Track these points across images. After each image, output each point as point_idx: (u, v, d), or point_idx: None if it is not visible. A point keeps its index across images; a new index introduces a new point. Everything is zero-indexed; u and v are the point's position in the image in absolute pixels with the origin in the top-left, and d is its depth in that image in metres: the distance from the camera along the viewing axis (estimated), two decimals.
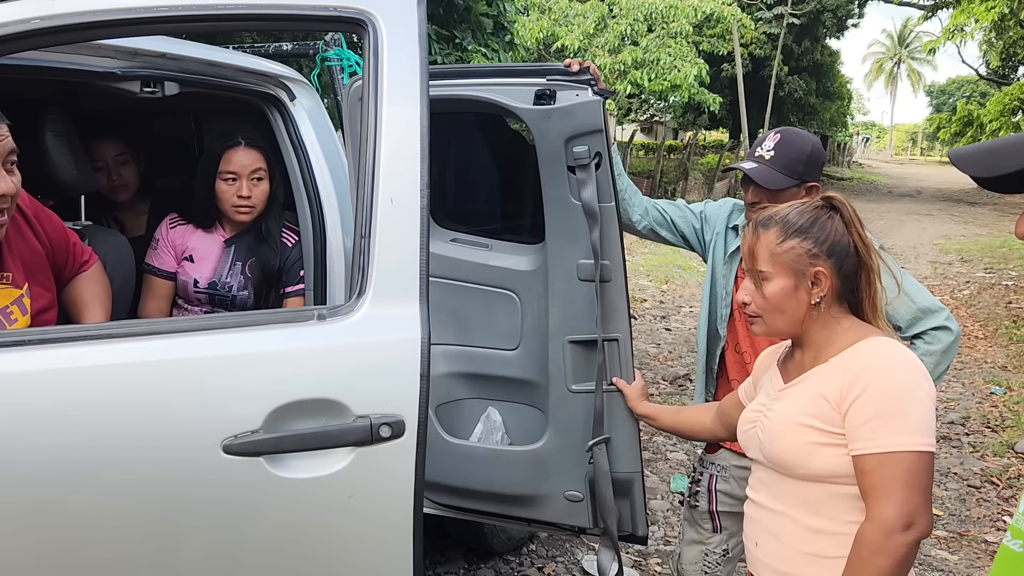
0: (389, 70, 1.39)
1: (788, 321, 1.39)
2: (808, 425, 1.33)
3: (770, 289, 1.38)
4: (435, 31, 5.70)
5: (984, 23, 12.06)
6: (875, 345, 1.33)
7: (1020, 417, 4.93)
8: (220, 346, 1.30)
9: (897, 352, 1.32)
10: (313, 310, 1.34)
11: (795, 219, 1.38)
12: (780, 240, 1.37)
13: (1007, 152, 0.92)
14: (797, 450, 1.34)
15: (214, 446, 1.26)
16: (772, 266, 1.38)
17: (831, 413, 1.31)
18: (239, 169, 2.24)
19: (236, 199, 2.24)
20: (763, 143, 1.99)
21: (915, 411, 1.25)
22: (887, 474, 1.23)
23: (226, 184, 2.25)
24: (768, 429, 1.42)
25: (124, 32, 1.64)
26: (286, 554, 1.36)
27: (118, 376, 1.25)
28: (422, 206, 1.36)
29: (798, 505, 1.37)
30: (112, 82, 2.00)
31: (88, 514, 1.25)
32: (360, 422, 1.33)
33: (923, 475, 1.24)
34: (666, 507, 3.62)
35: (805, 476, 1.35)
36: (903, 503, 1.22)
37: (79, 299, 1.81)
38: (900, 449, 1.23)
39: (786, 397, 1.42)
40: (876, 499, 1.24)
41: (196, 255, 2.31)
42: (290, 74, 2.41)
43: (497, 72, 2.18)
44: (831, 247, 1.36)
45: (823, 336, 1.39)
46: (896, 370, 1.29)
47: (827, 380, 1.33)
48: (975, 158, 0.96)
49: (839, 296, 1.39)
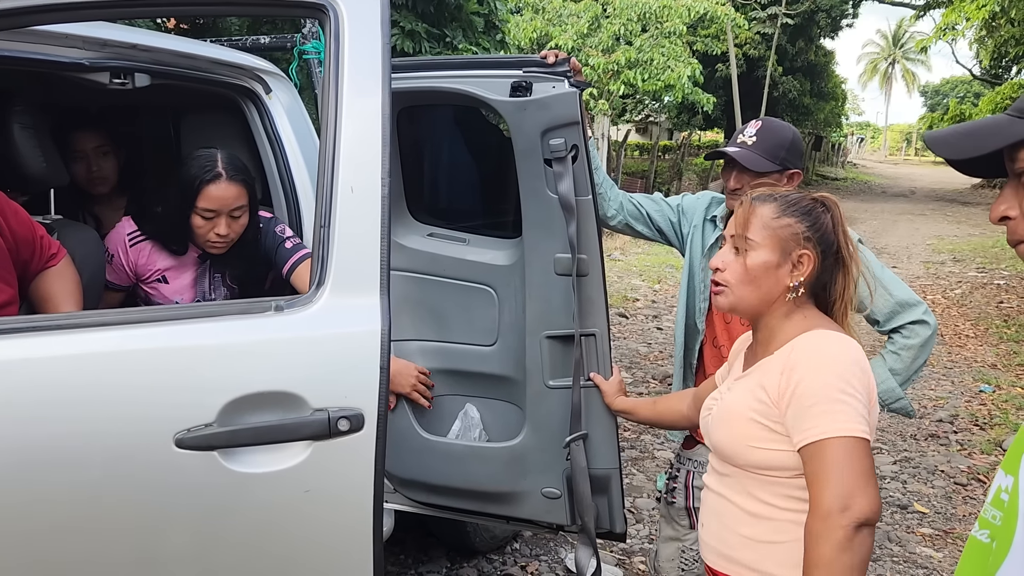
0: (350, 57, 1.36)
1: (758, 298, 1.38)
2: (749, 418, 1.34)
3: (753, 259, 1.36)
4: (426, 29, 5.67)
5: (975, 21, 12.07)
6: (812, 339, 1.33)
7: (1008, 415, 4.92)
8: (173, 337, 1.27)
9: (833, 344, 1.31)
10: (271, 301, 1.31)
11: (795, 200, 1.39)
12: (777, 215, 1.37)
13: (983, 134, 0.90)
14: (737, 443, 1.36)
15: (166, 440, 1.23)
16: (762, 236, 1.36)
17: (771, 410, 1.31)
18: (219, 207, 1.98)
19: (213, 235, 1.99)
20: (745, 130, 1.99)
21: (847, 401, 1.24)
22: (822, 461, 1.23)
23: (202, 219, 1.99)
24: (715, 417, 1.44)
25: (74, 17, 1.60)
26: (242, 550, 1.33)
27: (64, 368, 1.21)
28: (383, 195, 1.33)
29: (739, 490, 1.39)
30: (80, 72, 1.97)
31: (32, 514, 1.22)
32: (318, 415, 1.30)
33: (857, 460, 1.22)
34: (651, 505, 3.60)
35: (745, 466, 1.37)
36: (836, 485, 1.21)
37: (48, 295, 1.78)
38: (832, 435, 1.23)
39: (736, 387, 1.43)
40: (817, 486, 1.24)
41: (169, 275, 2.12)
42: (266, 67, 2.38)
43: (473, 64, 2.16)
44: (821, 236, 1.36)
45: (777, 323, 1.39)
46: (829, 362, 1.28)
47: (768, 373, 1.34)
48: (951, 140, 0.94)
49: (811, 288, 1.38)
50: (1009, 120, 0.87)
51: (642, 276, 9.38)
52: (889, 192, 24.89)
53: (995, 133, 0.88)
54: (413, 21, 5.56)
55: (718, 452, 1.44)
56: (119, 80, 2.04)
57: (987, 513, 0.85)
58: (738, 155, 1.93)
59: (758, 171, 1.90)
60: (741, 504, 1.38)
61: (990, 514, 0.84)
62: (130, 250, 2.14)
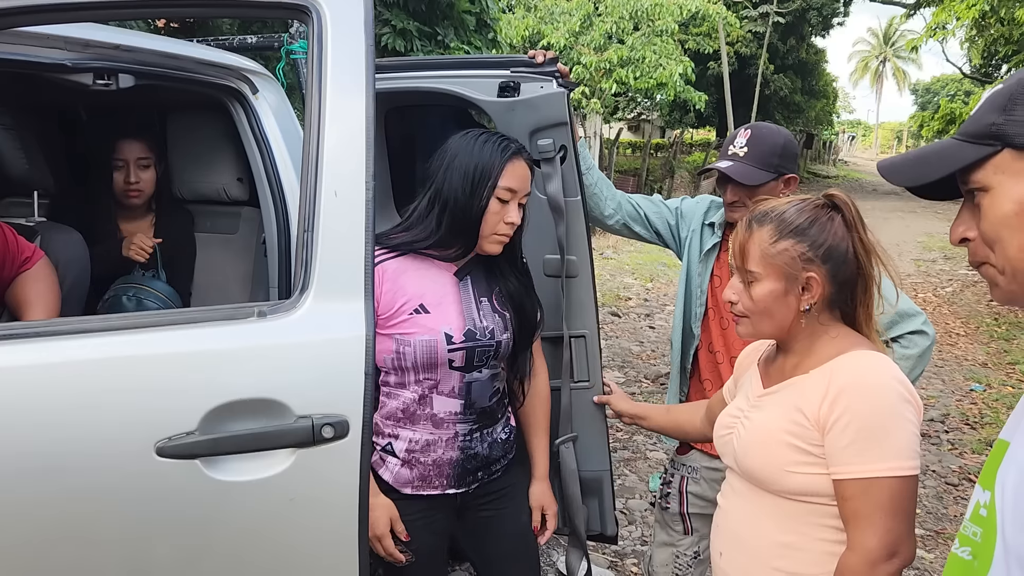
0: (333, 58, 1.34)
1: (775, 326, 1.32)
2: (786, 443, 1.26)
3: (758, 291, 1.30)
4: (417, 28, 5.65)
5: (965, 21, 12.11)
6: (858, 360, 1.24)
7: (999, 414, 4.93)
8: (154, 344, 1.24)
9: (881, 368, 1.23)
10: (253, 306, 1.29)
11: (792, 218, 1.29)
12: (773, 240, 1.28)
13: (931, 160, 0.90)
14: (773, 467, 1.27)
15: (147, 449, 1.21)
16: (762, 267, 1.29)
17: (810, 432, 1.23)
18: (520, 186, 1.66)
19: (503, 225, 1.64)
20: (735, 141, 1.96)
21: (898, 434, 1.18)
22: (870, 501, 1.17)
23: (499, 203, 1.63)
24: (744, 440, 1.34)
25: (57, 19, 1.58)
26: (226, 560, 1.31)
27: (43, 376, 1.19)
28: (367, 199, 1.31)
29: (770, 518, 1.30)
30: (62, 74, 1.94)
31: (11, 524, 1.19)
32: (302, 422, 1.28)
33: (907, 501, 1.18)
34: (644, 507, 3.59)
35: (779, 492, 1.28)
36: (886, 532, 1.16)
37: (22, 299, 1.75)
38: (883, 475, 1.17)
39: (765, 406, 1.34)
40: (858, 527, 1.18)
41: (428, 301, 1.64)
42: (253, 67, 2.35)
43: (461, 64, 2.14)
44: (827, 251, 1.27)
45: (808, 344, 1.31)
46: (879, 389, 1.21)
47: (807, 394, 1.25)
48: (902, 168, 0.94)
49: (831, 303, 1.30)
50: (958, 144, 0.87)
51: (634, 274, 9.38)
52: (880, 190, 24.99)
53: (944, 158, 0.88)
54: (404, 19, 5.54)
55: (750, 478, 1.33)
56: (103, 81, 2.01)
57: (967, 530, 0.83)
58: (730, 170, 1.90)
59: (752, 184, 1.88)
60: (772, 534, 1.29)
61: (970, 531, 0.83)
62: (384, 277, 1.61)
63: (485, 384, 1.69)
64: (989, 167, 0.83)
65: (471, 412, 1.68)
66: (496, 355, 1.70)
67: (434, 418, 1.65)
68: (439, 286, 1.66)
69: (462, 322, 1.64)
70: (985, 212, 0.84)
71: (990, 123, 0.83)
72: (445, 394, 1.65)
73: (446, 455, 1.66)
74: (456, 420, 1.66)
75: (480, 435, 1.71)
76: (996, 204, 0.83)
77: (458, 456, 1.67)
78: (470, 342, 1.64)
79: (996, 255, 0.84)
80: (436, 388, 1.64)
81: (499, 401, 1.76)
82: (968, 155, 0.85)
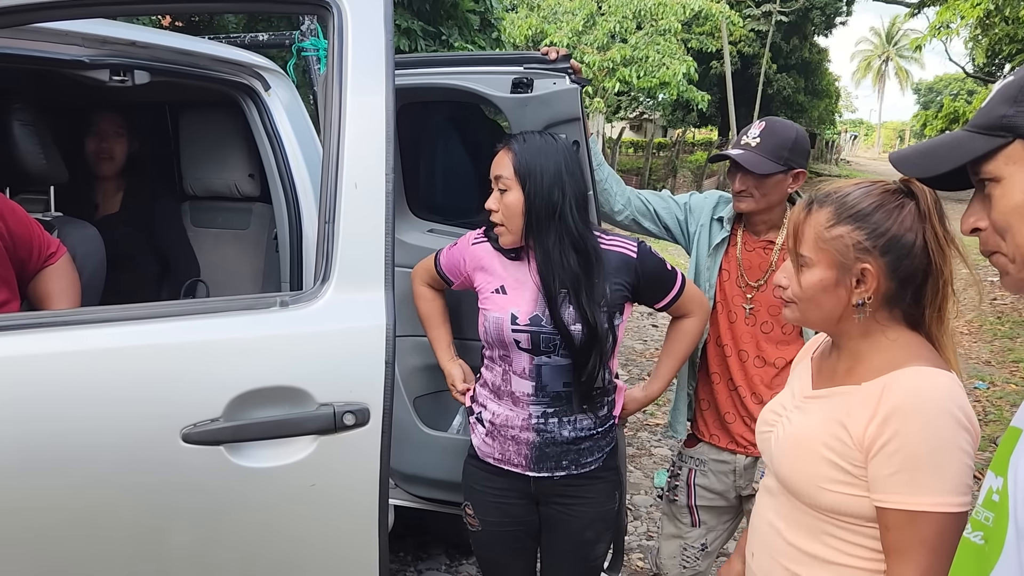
0: (354, 54, 1.37)
1: (823, 318, 1.21)
2: (823, 457, 1.16)
3: (808, 278, 1.19)
4: (421, 27, 5.68)
5: (969, 20, 12.12)
6: (915, 379, 1.11)
7: (1003, 412, 4.95)
8: (179, 333, 1.27)
9: (940, 390, 1.10)
10: (276, 296, 1.32)
11: (854, 201, 1.16)
12: (830, 224, 1.16)
13: (942, 152, 0.92)
14: (806, 480, 1.19)
15: (173, 435, 1.24)
16: (815, 252, 1.18)
17: (851, 451, 1.13)
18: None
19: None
20: (749, 131, 2.00)
21: (951, 466, 1.07)
22: (912, 535, 1.08)
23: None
24: (781, 443, 1.26)
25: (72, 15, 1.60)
26: (248, 544, 1.34)
27: (73, 365, 1.22)
28: (387, 191, 1.34)
29: (800, 527, 1.22)
30: (80, 70, 1.97)
31: (39, 510, 1.22)
32: (323, 410, 1.30)
33: (952, 537, 1.05)
34: (649, 502, 3.62)
35: (811, 506, 1.19)
36: (926, 569, 1.08)
37: (46, 293, 1.78)
38: (930, 510, 1.07)
39: (809, 409, 1.24)
40: (899, 561, 1.10)
41: (508, 285, 1.77)
42: (265, 64, 2.38)
43: (474, 60, 2.16)
44: (889, 242, 1.13)
45: (862, 346, 1.19)
46: (935, 415, 1.08)
47: (854, 409, 1.14)
48: (913, 159, 0.96)
49: (890, 301, 1.17)
50: (968, 136, 0.89)
51: None
52: None
53: (956, 150, 0.90)
54: (409, 19, 5.56)
55: (783, 484, 1.25)
56: (119, 77, 2.04)
57: (979, 515, 0.86)
58: (741, 157, 1.93)
59: (762, 173, 1.91)
60: (799, 543, 1.22)
61: (982, 515, 0.85)
62: (471, 247, 1.86)
63: (557, 370, 1.73)
64: (1000, 158, 0.86)
65: (544, 395, 1.75)
66: (566, 345, 1.70)
67: (512, 396, 1.76)
68: (522, 274, 1.78)
69: (532, 307, 1.73)
70: (996, 202, 0.87)
71: (1001, 115, 0.86)
72: (518, 374, 1.75)
73: (523, 435, 1.75)
74: (529, 401, 1.74)
75: (559, 420, 1.75)
76: (1007, 194, 0.86)
77: (535, 439, 1.75)
78: (535, 327, 1.71)
79: (1007, 244, 0.87)
80: (511, 367, 1.76)
81: (579, 388, 1.74)
82: (979, 146, 0.87)
